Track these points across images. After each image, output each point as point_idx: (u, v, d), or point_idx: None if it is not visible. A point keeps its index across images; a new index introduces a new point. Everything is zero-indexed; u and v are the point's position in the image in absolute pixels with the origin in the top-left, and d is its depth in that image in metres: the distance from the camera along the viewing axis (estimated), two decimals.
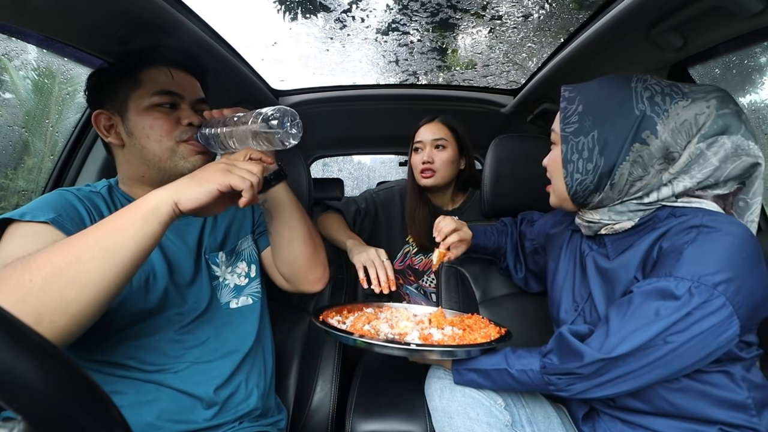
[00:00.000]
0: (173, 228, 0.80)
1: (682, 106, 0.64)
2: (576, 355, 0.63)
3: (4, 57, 1.63)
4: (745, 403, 0.63)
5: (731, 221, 0.61)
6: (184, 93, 0.80)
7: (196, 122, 0.79)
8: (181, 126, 0.78)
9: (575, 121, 0.71)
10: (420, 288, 1.44)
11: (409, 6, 2.89)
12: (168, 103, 0.78)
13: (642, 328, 0.59)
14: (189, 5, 0.92)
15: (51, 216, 0.65)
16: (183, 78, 0.82)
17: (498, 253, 1.09)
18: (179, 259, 0.80)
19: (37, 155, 1.69)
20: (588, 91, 0.72)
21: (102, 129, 0.79)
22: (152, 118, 0.77)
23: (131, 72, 0.78)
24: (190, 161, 0.79)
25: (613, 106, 0.67)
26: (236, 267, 0.89)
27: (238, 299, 0.87)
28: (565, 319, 0.80)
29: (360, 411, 0.91)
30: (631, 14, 0.85)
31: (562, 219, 0.94)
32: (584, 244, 0.81)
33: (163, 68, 0.79)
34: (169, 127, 0.77)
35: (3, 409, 0.23)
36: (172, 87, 0.78)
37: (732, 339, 0.57)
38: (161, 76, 0.79)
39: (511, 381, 0.72)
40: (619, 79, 0.70)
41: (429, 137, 1.33)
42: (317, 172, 4.18)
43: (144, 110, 0.76)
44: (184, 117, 0.79)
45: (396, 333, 0.81)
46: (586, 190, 0.71)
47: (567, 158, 0.72)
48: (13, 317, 0.24)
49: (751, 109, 1.34)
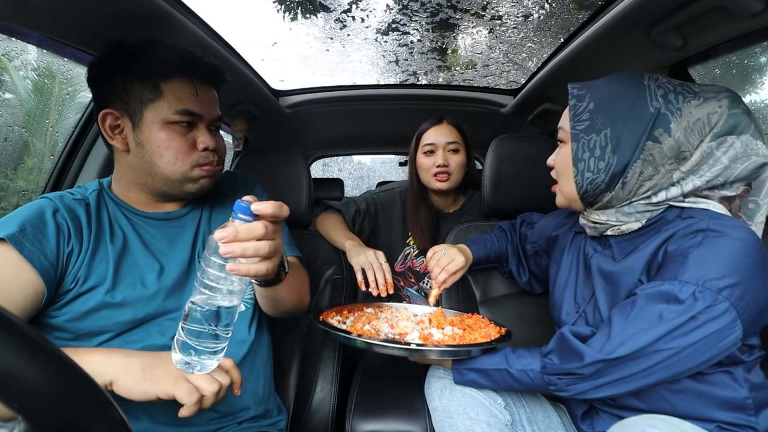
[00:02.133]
0: (165, 232, 0.79)
1: (694, 105, 0.64)
2: (576, 355, 0.63)
3: (4, 57, 1.63)
4: (744, 403, 0.63)
5: (738, 225, 0.61)
6: (204, 114, 0.76)
7: (211, 146, 0.76)
8: (197, 151, 0.75)
9: (586, 118, 0.69)
10: (420, 290, 1.44)
11: (409, 6, 2.89)
12: (186, 122, 0.74)
13: (644, 331, 0.58)
14: (189, 5, 0.92)
15: (11, 232, 0.63)
16: (206, 94, 0.77)
17: (500, 259, 1.08)
18: (171, 264, 0.77)
19: (37, 155, 1.69)
20: (599, 88, 0.70)
21: (107, 129, 0.73)
22: (168, 136, 0.72)
23: (152, 78, 0.72)
24: (198, 183, 0.77)
25: (626, 104, 0.66)
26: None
27: None
28: (566, 321, 0.80)
29: (360, 411, 0.91)
30: (631, 14, 0.85)
31: (564, 220, 0.94)
32: (588, 246, 0.80)
33: (188, 81, 0.74)
34: (186, 150, 0.74)
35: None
36: (195, 107, 0.74)
37: (735, 343, 0.57)
38: (185, 90, 0.73)
39: (511, 381, 0.72)
40: (630, 77, 0.69)
41: (442, 140, 1.31)
42: (317, 172, 4.18)
43: (161, 125, 0.72)
44: (201, 141, 0.75)
45: (396, 333, 0.81)
46: (596, 189, 0.69)
47: (578, 156, 0.70)
48: (14, 317, 0.24)
49: (751, 109, 1.34)
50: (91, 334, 0.68)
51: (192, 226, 0.83)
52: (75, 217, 0.71)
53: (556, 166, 0.77)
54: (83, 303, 0.68)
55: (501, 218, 1.17)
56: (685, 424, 0.59)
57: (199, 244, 0.83)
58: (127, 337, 0.71)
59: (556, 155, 0.77)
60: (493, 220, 1.21)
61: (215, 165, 0.79)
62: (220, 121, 0.81)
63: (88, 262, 0.69)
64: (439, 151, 1.30)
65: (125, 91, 0.72)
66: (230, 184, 0.93)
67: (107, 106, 0.73)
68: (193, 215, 0.84)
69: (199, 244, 0.83)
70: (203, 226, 0.85)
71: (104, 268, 0.71)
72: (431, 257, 0.96)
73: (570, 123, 0.71)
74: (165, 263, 0.77)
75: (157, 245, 0.78)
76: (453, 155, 1.31)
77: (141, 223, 0.78)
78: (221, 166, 0.82)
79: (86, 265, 0.69)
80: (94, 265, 0.70)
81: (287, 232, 0.97)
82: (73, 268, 0.68)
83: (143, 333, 0.72)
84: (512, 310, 1.09)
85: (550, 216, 1.01)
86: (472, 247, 1.02)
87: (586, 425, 0.76)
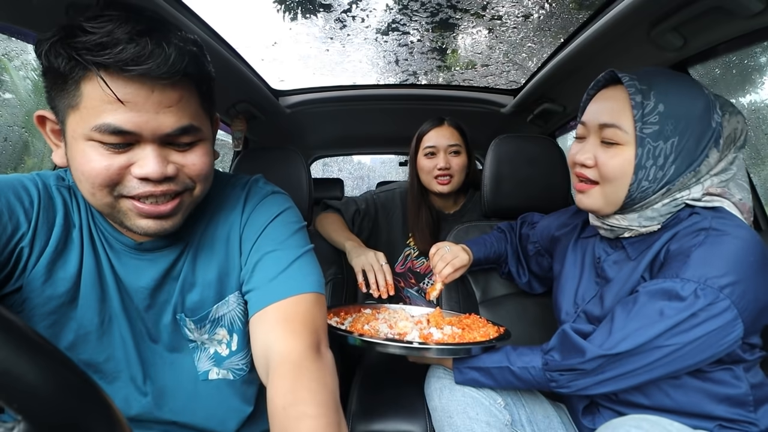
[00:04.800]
0: (134, 265, 0.61)
1: (727, 119, 0.65)
2: (578, 351, 0.64)
3: (4, 57, 1.63)
4: (744, 399, 0.64)
5: (740, 225, 0.62)
6: (142, 129, 0.49)
7: (153, 174, 0.50)
8: (129, 177, 0.51)
9: (655, 121, 0.62)
10: (421, 291, 1.44)
11: (409, 6, 2.89)
12: (112, 143, 0.49)
13: (645, 327, 0.59)
14: (189, 5, 0.92)
15: None
16: (156, 96, 0.49)
17: (499, 260, 1.08)
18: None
19: (37, 155, 1.69)
20: (666, 87, 0.63)
21: (49, 135, 0.55)
22: (86, 158, 0.49)
23: (68, 76, 0.47)
24: (137, 224, 0.53)
25: (696, 113, 0.62)
26: (214, 334, 0.66)
27: (218, 369, 0.67)
28: (566, 321, 0.80)
29: (360, 411, 0.91)
30: (631, 14, 0.85)
31: (568, 220, 0.93)
32: (598, 248, 0.78)
33: (118, 81, 0.47)
34: (106, 177, 0.49)
35: (2, 410, 0.23)
36: (121, 121, 0.48)
37: (735, 341, 0.57)
38: (107, 97, 0.47)
39: (512, 378, 0.72)
40: (692, 81, 0.65)
41: (444, 143, 1.30)
42: (317, 172, 4.18)
43: (82, 140, 0.49)
44: (139, 165, 0.50)
45: (395, 333, 0.81)
46: (644, 197, 0.65)
47: (641, 164, 0.63)
48: (14, 317, 0.24)
49: (751, 109, 1.34)
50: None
51: (162, 267, 0.61)
52: (48, 210, 0.57)
53: (604, 169, 0.67)
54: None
55: (501, 218, 1.17)
56: (674, 425, 0.60)
57: (165, 294, 0.62)
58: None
59: (606, 156, 0.66)
60: (493, 220, 1.21)
61: (161, 202, 0.53)
62: (188, 133, 0.53)
63: (45, 270, 0.56)
64: (440, 153, 1.30)
65: (52, 89, 0.50)
66: (228, 205, 0.66)
67: (49, 105, 0.52)
68: (169, 253, 0.62)
69: (167, 293, 0.62)
70: (177, 271, 0.62)
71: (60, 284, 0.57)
72: (435, 253, 0.97)
73: (636, 124, 0.63)
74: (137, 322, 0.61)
75: (126, 279, 0.61)
76: (454, 157, 1.31)
77: (114, 247, 0.61)
78: (184, 198, 0.56)
79: (43, 269, 0.56)
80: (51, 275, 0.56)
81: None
82: (23, 261, 0.55)
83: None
84: (512, 310, 1.09)
85: (552, 216, 1.00)
86: (472, 248, 1.02)
87: (587, 420, 0.76)
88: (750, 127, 1.30)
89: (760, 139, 1.34)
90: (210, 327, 0.65)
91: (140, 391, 0.64)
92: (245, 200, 0.67)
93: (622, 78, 0.65)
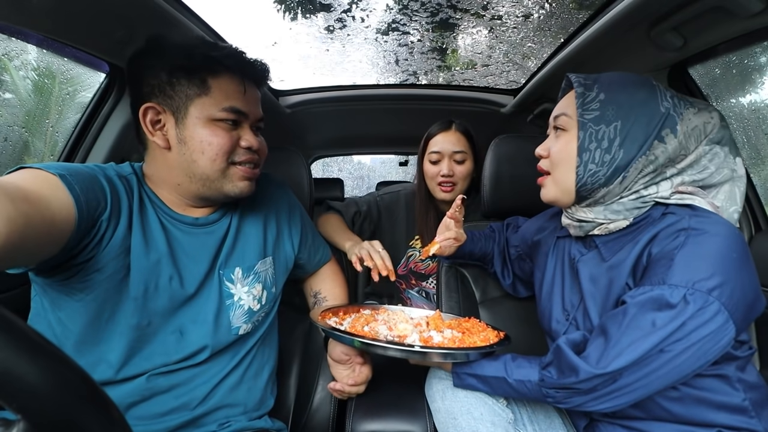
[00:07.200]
0: (189, 239, 0.75)
1: (692, 113, 0.66)
2: (572, 370, 0.62)
3: (4, 57, 1.63)
4: (742, 405, 0.63)
5: (717, 221, 0.61)
6: (249, 112, 0.74)
7: (255, 146, 0.75)
8: (239, 148, 0.73)
9: (596, 108, 0.67)
10: (422, 290, 1.44)
11: (409, 6, 2.89)
12: (232, 120, 0.72)
13: (639, 341, 0.57)
14: (189, 5, 0.92)
15: (61, 172, 0.59)
16: (252, 93, 0.76)
17: (485, 258, 1.08)
18: (187, 274, 0.74)
19: (37, 155, 1.69)
20: (609, 80, 0.69)
21: (147, 125, 0.70)
22: (213, 133, 0.70)
23: (198, 73, 0.69)
24: (238, 186, 0.74)
25: (638, 99, 0.66)
26: (253, 287, 0.83)
27: (248, 324, 0.82)
28: (557, 329, 0.79)
29: (360, 411, 0.91)
30: (631, 14, 0.85)
31: (546, 224, 0.92)
32: (573, 249, 0.79)
33: (237, 79, 0.72)
34: (228, 147, 0.71)
35: (2, 409, 0.23)
36: (242, 105, 0.72)
37: (729, 343, 0.57)
38: (233, 88, 0.71)
39: (509, 389, 0.71)
40: (637, 76, 0.69)
41: (449, 148, 1.28)
42: (317, 172, 4.17)
43: (205, 121, 0.70)
44: (245, 139, 0.74)
45: (395, 335, 0.81)
46: (596, 183, 0.68)
47: (584, 146, 0.68)
48: (14, 317, 0.24)
49: (751, 109, 1.33)
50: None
51: (219, 234, 0.79)
52: (116, 194, 0.68)
53: (552, 156, 0.74)
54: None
55: (501, 218, 1.17)
56: None
57: (222, 256, 0.79)
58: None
59: (554, 143, 0.73)
60: (493, 220, 1.20)
61: (254, 167, 0.77)
62: (263, 121, 0.79)
63: (114, 244, 0.66)
64: (444, 159, 1.29)
65: (170, 85, 0.69)
66: (263, 188, 0.90)
67: (148, 101, 0.69)
68: (222, 224, 0.80)
69: (222, 256, 0.79)
70: (230, 237, 0.81)
71: (122, 257, 0.67)
72: (441, 224, 0.98)
73: (577, 110, 0.69)
74: (182, 272, 0.74)
75: (178, 250, 0.74)
76: (458, 165, 1.30)
77: (168, 224, 0.75)
78: (259, 169, 0.79)
79: (110, 247, 0.65)
80: (113, 250, 0.66)
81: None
82: (96, 241, 0.64)
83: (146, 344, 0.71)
84: (512, 310, 1.09)
85: (531, 220, 1.00)
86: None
87: (588, 430, 0.76)
88: (750, 127, 1.30)
89: (760, 139, 1.34)
90: (252, 279, 0.82)
91: (178, 344, 0.74)
92: (279, 186, 0.96)
93: (571, 77, 0.72)
